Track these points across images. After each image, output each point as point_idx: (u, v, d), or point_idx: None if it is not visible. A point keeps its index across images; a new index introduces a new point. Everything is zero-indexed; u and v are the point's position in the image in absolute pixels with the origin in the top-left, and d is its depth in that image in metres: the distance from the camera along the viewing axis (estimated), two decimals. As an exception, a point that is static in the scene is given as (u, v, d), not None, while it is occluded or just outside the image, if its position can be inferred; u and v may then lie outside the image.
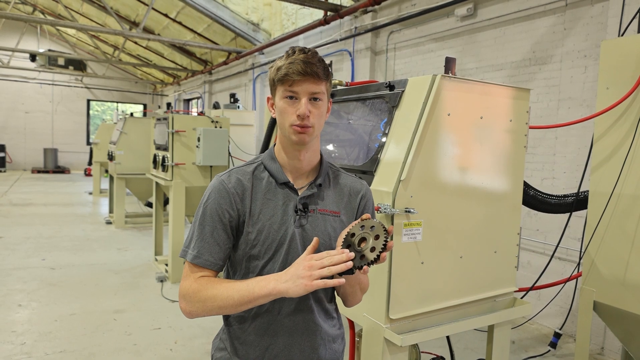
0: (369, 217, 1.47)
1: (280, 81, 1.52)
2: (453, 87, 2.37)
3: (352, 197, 1.69)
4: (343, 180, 1.71)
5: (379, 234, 1.41)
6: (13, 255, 7.54)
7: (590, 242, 3.20)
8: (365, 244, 1.41)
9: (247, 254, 1.57)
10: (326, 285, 1.35)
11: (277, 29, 12.02)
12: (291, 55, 1.52)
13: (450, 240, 2.46)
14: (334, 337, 1.70)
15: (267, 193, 1.59)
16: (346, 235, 1.44)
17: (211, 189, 1.59)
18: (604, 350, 4.75)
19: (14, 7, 17.87)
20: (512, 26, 5.85)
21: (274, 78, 1.55)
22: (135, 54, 20.67)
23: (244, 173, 1.62)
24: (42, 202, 12.82)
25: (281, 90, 1.53)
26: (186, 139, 6.47)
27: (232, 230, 1.57)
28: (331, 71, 1.60)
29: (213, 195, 1.57)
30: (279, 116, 1.57)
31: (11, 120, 21.61)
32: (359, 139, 2.78)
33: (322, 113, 1.56)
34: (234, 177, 1.60)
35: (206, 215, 1.56)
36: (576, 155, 5.11)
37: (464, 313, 2.57)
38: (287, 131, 1.54)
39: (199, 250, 1.54)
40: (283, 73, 1.50)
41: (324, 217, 1.62)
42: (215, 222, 1.55)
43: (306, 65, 1.49)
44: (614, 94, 3.04)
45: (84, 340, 4.62)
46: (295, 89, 1.50)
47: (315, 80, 1.51)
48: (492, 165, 2.60)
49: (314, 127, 1.53)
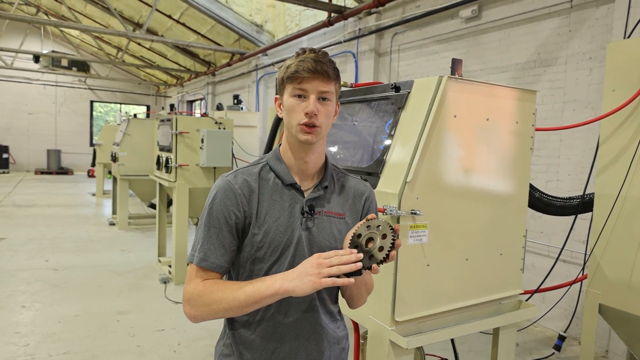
0: (374, 217, 1.46)
1: (289, 79, 1.51)
2: (459, 89, 2.36)
3: (357, 199, 1.69)
4: (347, 182, 1.70)
5: (385, 233, 1.40)
6: (16, 257, 7.55)
7: (596, 245, 3.19)
8: (372, 244, 1.40)
9: (252, 256, 1.55)
10: (335, 284, 1.34)
11: (280, 30, 12.01)
12: (301, 54, 1.52)
13: (456, 243, 2.45)
14: (339, 339, 1.69)
15: (274, 194, 1.58)
16: (352, 236, 1.43)
17: (217, 190, 1.56)
18: (608, 353, 4.73)
19: (17, 8, 17.91)
20: (517, 28, 5.84)
21: (283, 76, 1.53)
22: (139, 55, 20.71)
23: (250, 174, 1.60)
24: (46, 204, 12.84)
25: (290, 88, 1.52)
26: (190, 141, 6.47)
27: (238, 232, 1.55)
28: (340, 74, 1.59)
29: (219, 196, 1.54)
30: (286, 115, 1.55)
31: (14, 122, 21.66)
32: (364, 140, 2.77)
33: (329, 114, 1.55)
34: (240, 177, 1.58)
35: (212, 216, 1.54)
36: (581, 157, 5.09)
37: (470, 315, 2.56)
38: (294, 130, 1.53)
39: (205, 253, 1.52)
40: (293, 70, 1.50)
41: (329, 219, 1.61)
42: (222, 223, 1.52)
43: (316, 64, 1.48)
44: (620, 96, 3.02)
45: (88, 341, 4.62)
46: (304, 86, 1.49)
47: (324, 79, 1.50)
48: (498, 167, 2.59)
49: (321, 127, 1.52)
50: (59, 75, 21.37)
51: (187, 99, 20.30)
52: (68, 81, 22.45)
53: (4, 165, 20.44)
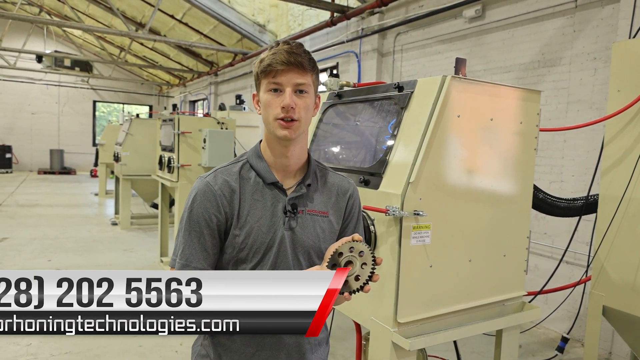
0: (361, 239, 1.41)
1: (263, 73, 1.47)
2: (463, 89, 2.34)
3: (340, 197, 1.65)
4: (331, 179, 1.66)
5: (366, 261, 1.36)
6: (19, 256, 7.55)
7: (600, 246, 3.17)
8: (351, 268, 1.36)
9: (234, 257, 1.52)
10: None
11: (283, 30, 12.00)
12: (275, 47, 1.48)
13: (459, 244, 2.43)
14: (319, 341, 1.67)
15: (255, 194, 1.53)
16: (333, 254, 1.39)
17: (196, 192, 1.51)
18: (611, 356, 4.71)
19: (20, 8, 17.94)
20: (521, 28, 5.81)
21: (258, 71, 1.49)
22: (141, 55, 20.73)
23: (230, 173, 1.55)
24: (48, 203, 12.85)
25: (265, 83, 1.48)
26: (192, 140, 6.46)
27: (220, 234, 1.51)
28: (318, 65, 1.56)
29: (199, 198, 1.50)
30: (263, 111, 1.51)
31: (17, 122, 21.70)
32: (367, 140, 2.76)
33: (308, 106, 1.50)
34: (220, 178, 1.53)
35: (192, 220, 1.50)
36: (585, 158, 5.06)
37: (473, 317, 2.54)
38: (271, 126, 1.49)
39: (187, 259, 1.49)
40: (266, 64, 1.46)
41: (312, 217, 1.57)
42: (202, 227, 1.49)
43: (290, 55, 1.44)
44: (625, 97, 3.00)
45: (89, 341, 4.61)
46: (279, 79, 1.45)
47: (299, 71, 1.46)
48: (502, 168, 2.57)
49: (300, 120, 1.48)
50: (61, 75, 21.37)
51: (190, 99, 20.30)
52: (71, 81, 22.47)
53: (7, 165, 20.47)
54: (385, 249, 2.28)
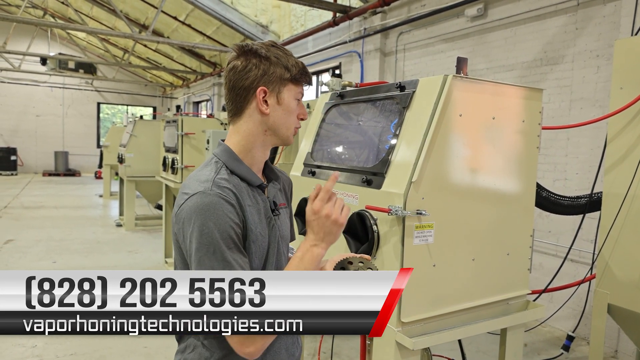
0: (369, 259, 1.49)
1: (296, 80, 1.50)
2: (465, 88, 2.34)
3: (287, 187, 1.74)
4: (276, 171, 1.71)
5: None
6: (24, 258, 7.58)
7: (605, 244, 3.16)
8: None
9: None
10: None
11: (286, 30, 12.01)
12: (300, 63, 1.53)
13: (463, 243, 2.43)
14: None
15: (247, 199, 1.48)
16: (343, 259, 1.44)
17: (210, 209, 1.36)
18: (617, 353, 4.70)
19: (24, 11, 18.00)
20: (523, 26, 5.81)
21: (291, 74, 1.49)
22: (145, 57, 20.79)
23: (227, 181, 1.45)
24: (53, 205, 12.91)
25: (294, 91, 1.51)
26: (195, 142, 6.48)
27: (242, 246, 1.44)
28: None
29: (219, 212, 1.37)
30: (284, 115, 1.50)
31: (22, 124, 21.80)
32: (369, 140, 2.76)
33: None
34: (224, 188, 1.42)
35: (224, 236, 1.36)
36: (588, 156, 5.05)
37: (477, 316, 2.54)
38: (288, 132, 1.54)
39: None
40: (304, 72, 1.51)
41: (283, 210, 1.64)
42: (232, 246, 1.38)
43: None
44: (628, 94, 2.99)
45: (95, 342, 4.63)
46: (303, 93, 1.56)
47: None
48: (505, 167, 2.57)
49: None
50: (66, 78, 21.46)
51: (193, 100, 20.34)
52: (75, 83, 22.55)
53: (12, 167, 20.57)
54: (388, 248, 2.28)
